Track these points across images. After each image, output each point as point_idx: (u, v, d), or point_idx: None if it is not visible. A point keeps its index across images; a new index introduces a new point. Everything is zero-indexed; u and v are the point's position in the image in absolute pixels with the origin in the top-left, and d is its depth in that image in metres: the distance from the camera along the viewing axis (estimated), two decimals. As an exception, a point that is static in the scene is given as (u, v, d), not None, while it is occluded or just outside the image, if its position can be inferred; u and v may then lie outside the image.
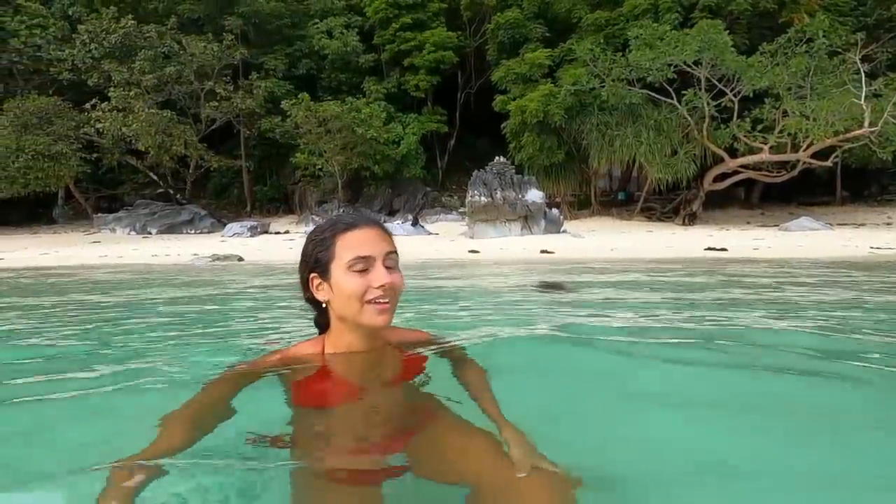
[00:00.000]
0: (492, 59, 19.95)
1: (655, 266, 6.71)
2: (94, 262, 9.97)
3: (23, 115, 17.36)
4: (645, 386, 1.45)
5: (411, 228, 15.33)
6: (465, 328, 2.32)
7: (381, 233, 1.16)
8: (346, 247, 1.12)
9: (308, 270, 1.17)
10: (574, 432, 1.14)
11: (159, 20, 20.08)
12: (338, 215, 1.24)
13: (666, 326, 2.40)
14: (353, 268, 1.11)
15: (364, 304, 1.11)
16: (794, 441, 1.11)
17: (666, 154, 15.68)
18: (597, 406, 1.31)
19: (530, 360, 1.73)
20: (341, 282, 1.11)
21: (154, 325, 2.71)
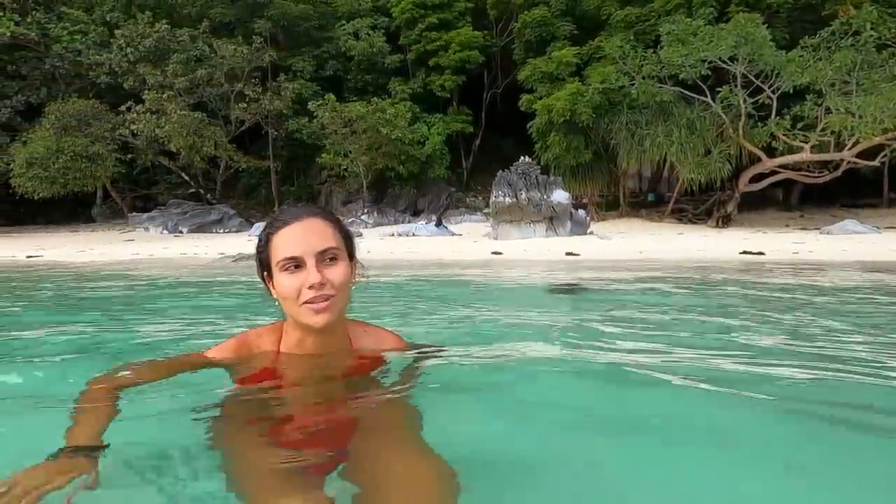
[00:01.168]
0: (518, 58, 19.70)
1: (684, 270, 6.40)
2: (125, 259, 10.24)
3: (63, 117, 18.06)
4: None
5: (435, 229, 15.24)
6: (470, 339, 2.15)
7: (316, 227, 1.11)
8: (278, 246, 1.09)
9: (261, 270, 1.16)
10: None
11: (192, 24, 20.63)
12: (279, 210, 1.22)
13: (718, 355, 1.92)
14: (285, 268, 1.08)
15: (301, 305, 1.08)
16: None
17: (699, 154, 15.11)
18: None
19: (537, 395, 1.40)
20: (278, 283, 1.09)
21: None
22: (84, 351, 2.12)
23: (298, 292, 1.07)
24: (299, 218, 1.11)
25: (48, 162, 17.14)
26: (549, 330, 2.49)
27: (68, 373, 1.63)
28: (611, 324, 2.65)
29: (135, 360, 1.32)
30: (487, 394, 1.37)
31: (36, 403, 1.34)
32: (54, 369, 1.76)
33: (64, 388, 1.35)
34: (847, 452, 1.09)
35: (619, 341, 2.18)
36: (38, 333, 2.45)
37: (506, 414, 1.26)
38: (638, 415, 1.31)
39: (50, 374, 1.69)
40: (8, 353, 2.07)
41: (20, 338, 2.40)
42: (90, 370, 1.24)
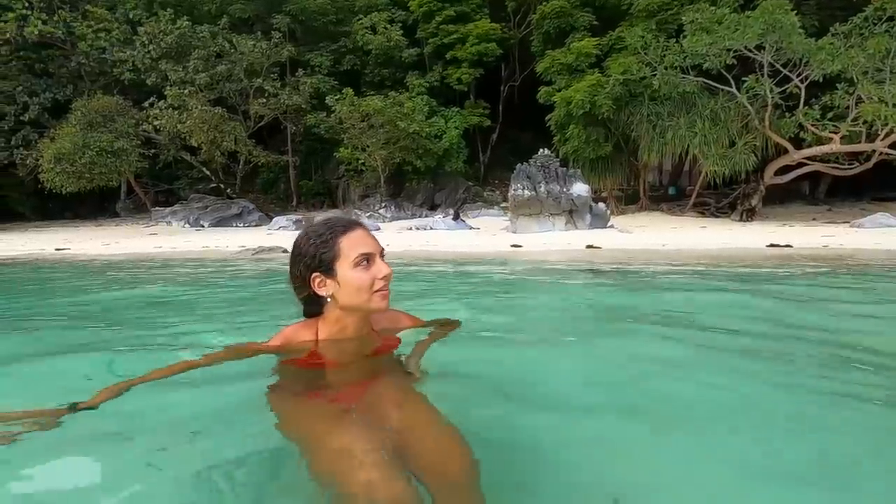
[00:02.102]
0: (536, 50, 19.45)
1: (714, 263, 6.25)
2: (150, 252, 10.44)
3: (89, 113, 18.45)
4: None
5: (452, 223, 15.19)
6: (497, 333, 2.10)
7: (369, 232, 1.34)
8: (350, 246, 1.27)
9: (310, 271, 1.29)
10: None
11: (212, 20, 20.86)
12: (327, 218, 1.37)
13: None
14: (360, 264, 1.26)
15: (371, 294, 1.27)
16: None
17: (723, 146, 14.73)
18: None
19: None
20: (350, 277, 1.26)
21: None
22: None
23: (371, 283, 1.27)
24: (356, 223, 1.33)
25: (75, 157, 17.54)
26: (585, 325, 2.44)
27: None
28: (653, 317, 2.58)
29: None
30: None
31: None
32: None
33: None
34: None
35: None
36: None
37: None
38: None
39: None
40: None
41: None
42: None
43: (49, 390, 1.42)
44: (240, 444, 1.08)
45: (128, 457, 1.04)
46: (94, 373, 1.51)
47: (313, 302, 1.34)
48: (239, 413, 1.22)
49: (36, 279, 6.22)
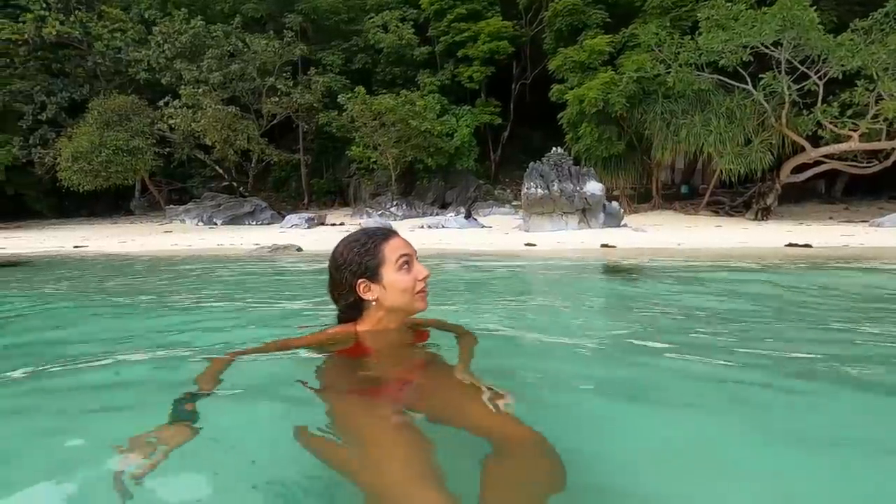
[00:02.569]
0: (548, 47, 19.35)
1: (734, 261, 6.19)
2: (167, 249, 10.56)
3: (105, 112, 18.68)
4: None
5: (464, 221, 15.19)
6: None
7: (403, 238, 1.43)
8: (392, 251, 1.36)
9: (356, 277, 1.36)
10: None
11: (225, 20, 21.01)
12: (364, 229, 1.45)
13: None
14: (402, 267, 1.35)
15: (413, 295, 1.37)
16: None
17: (738, 144, 14.56)
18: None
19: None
20: (395, 280, 1.35)
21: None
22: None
23: (414, 285, 1.37)
24: (392, 231, 1.43)
25: (91, 156, 17.78)
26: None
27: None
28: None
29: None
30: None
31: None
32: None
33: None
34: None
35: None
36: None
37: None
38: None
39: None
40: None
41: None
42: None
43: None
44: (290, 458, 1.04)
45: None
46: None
47: (354, 308, 1.41)
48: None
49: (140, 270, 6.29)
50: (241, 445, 1.07)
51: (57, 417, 1.25)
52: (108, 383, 1.48)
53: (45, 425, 1.20)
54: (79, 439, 1.09)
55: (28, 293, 4.16)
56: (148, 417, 1.03)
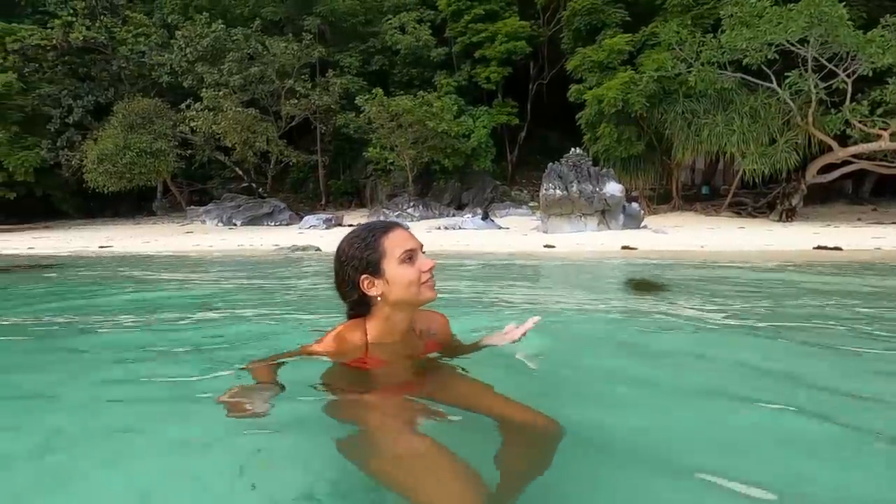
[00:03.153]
0: (566, 47, 19.20)
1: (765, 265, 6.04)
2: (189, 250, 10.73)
3: (129, 115, 19.10)
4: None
5: (481, 222, 15.14)
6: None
7: (410, 231, 1.40)
8: (393, 245, 1.33)
9: (358, 273, 1.34)
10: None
11: (245, 23, 21.30)
12: (366, 223, 1.43)
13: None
14: (405, 260, 1.32)
15: (420, 286, 1.34)
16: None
17: (762, 143, 14.25)
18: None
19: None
20: (398, 273, 1.32)
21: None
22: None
23: (419, 276, 1.34)
24: (395, 224, 1.40)
25: (116, 158, 18.19)
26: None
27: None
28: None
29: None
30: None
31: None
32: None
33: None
34: None
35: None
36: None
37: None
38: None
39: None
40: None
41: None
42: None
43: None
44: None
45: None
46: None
47: (362, 304, 1.38)
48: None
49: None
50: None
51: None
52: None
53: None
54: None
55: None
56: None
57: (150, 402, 1.46)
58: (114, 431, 1.25)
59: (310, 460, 1.09)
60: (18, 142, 20.54)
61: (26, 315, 3.15)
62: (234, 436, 1.14)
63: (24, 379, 1.75)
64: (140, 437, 1.22)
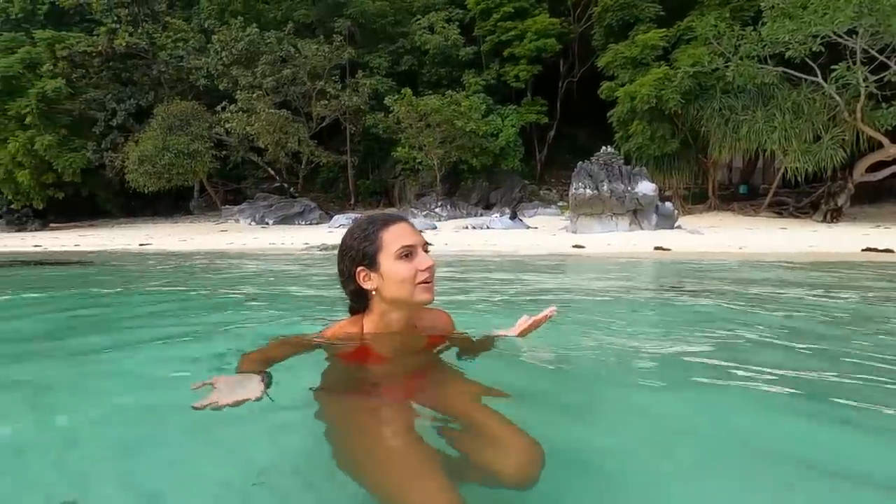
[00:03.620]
0: (598, 44, 18.84)
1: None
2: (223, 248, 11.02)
3: (168, 118, 19.79)
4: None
5: (509, 222, 15.02)
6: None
7: (411, 226, 1.33)
8: (392, 239, 1.27)
9: (355, 264, 1.30)
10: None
11: (277, 26, 21.76)
12: (372, 214, 1.39)
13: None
14: (402, 256, 1.26)
15: (415, 286, 1.27)
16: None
17: (806, 140, 13.63)
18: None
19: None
20: (393, 269, 1.26)
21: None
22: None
23: (414, 275, 1.27)
24: (399, 218, 1.33)
25: (155, 159, 18.89)
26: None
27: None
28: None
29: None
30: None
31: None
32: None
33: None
34: None
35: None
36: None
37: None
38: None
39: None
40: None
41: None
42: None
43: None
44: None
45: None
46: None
47: (360, 297, 1.34)
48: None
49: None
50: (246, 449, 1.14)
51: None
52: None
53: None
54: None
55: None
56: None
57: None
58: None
59: (302, 467, 1.07)
60: (66, 144, 21.59)
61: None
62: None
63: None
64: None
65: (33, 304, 3.48)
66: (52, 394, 1.51)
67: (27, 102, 20.67)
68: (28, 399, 1.46)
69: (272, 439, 1.17)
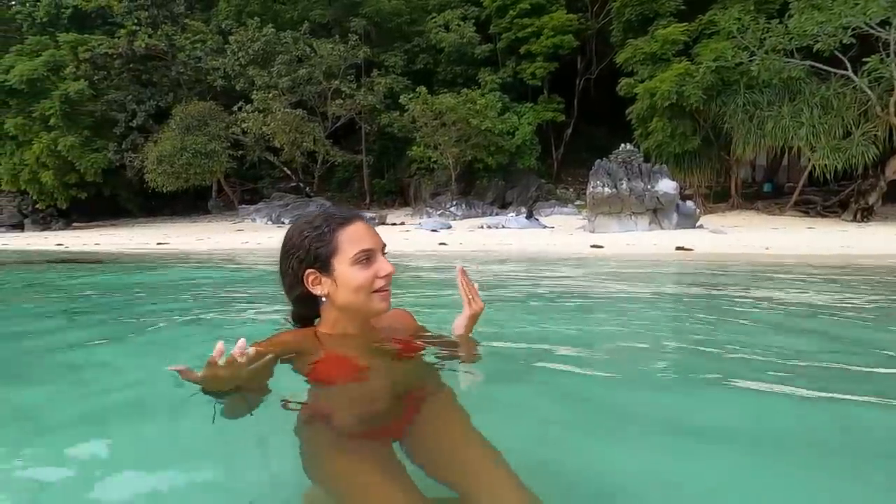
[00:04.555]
0: (616, 39, 18.48)
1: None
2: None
3: (186, 118, 20.02)
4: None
5: (525, 221, 14.80)
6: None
7: (370, 226, 1.21)
8: (349, 241, 1.14)
9: (304, 267, 1.16)
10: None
11: (293, 26, 21.84)
12: (324, 209, 1.25)
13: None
14: (359, 261, 1.14)
15: (371, 294, 1.15)
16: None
17: (835, 136, 13.12)
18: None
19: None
20: (348, 275, 1.14)
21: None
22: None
23: (371, 282, 1.15)
24: (357, 216, 1.20)
25: (174, 159, 19.12)
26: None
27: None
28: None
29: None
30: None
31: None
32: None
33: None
34: None
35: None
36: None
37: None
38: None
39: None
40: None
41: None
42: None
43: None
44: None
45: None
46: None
47: (306, 302, 1.21)
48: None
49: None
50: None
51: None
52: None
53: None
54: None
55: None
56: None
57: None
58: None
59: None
60: (88, 145, 22.00)
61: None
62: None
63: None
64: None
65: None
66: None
67: (51, 104, 21.10)
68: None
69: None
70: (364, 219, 1.21)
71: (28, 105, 21.85)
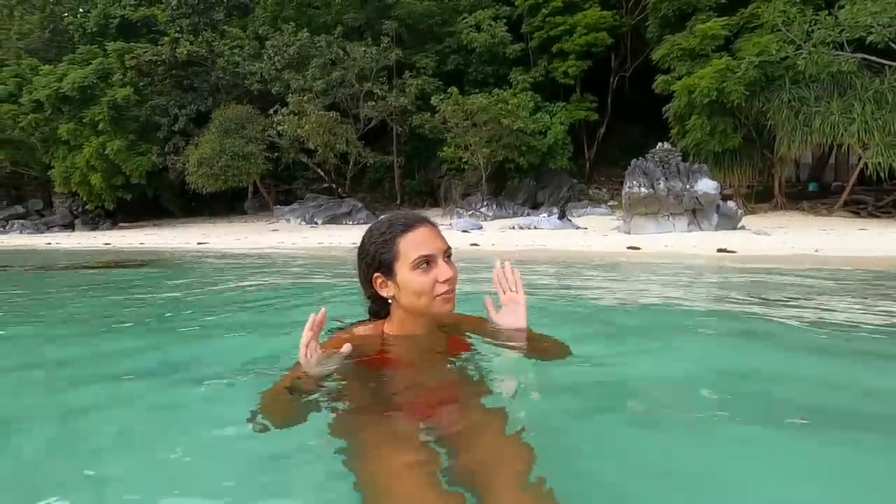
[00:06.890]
0: (652, 36, 18.04)
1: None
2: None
3: (225, 122, 20.65)
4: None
5: (558, 222, 14.62)
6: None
7: (436, 230, 1.24)
8: (409, 247, 1.19)
9: (371, 271, 1.23)
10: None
11: (327, 30, 22.25)
12: (392, 215, 1.28)
13: None
14: (419, 266, 1.18)
15: (433, 298, 1.19)
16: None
17: (890, 133, 12.43)
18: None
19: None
20: (409, 280, 1.19)
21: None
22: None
23: (432, 287, 1.19)
24: (420, 221, 1.23)
25: (213, 161, 19.76)
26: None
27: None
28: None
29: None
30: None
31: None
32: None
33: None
34: None
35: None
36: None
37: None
38: None
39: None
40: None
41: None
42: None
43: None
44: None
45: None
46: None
47: (378, 301, 1.29)
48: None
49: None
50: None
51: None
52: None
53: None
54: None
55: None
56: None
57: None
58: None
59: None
60: (134, 148, 22.99)
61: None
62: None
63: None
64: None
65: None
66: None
67: (100, 110, 22.15)
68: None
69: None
70: (428, 223, 1.24)
71: (79, 111, 22.99)
